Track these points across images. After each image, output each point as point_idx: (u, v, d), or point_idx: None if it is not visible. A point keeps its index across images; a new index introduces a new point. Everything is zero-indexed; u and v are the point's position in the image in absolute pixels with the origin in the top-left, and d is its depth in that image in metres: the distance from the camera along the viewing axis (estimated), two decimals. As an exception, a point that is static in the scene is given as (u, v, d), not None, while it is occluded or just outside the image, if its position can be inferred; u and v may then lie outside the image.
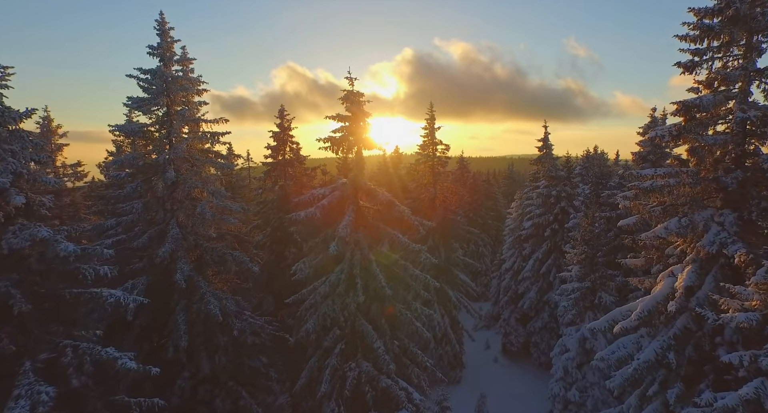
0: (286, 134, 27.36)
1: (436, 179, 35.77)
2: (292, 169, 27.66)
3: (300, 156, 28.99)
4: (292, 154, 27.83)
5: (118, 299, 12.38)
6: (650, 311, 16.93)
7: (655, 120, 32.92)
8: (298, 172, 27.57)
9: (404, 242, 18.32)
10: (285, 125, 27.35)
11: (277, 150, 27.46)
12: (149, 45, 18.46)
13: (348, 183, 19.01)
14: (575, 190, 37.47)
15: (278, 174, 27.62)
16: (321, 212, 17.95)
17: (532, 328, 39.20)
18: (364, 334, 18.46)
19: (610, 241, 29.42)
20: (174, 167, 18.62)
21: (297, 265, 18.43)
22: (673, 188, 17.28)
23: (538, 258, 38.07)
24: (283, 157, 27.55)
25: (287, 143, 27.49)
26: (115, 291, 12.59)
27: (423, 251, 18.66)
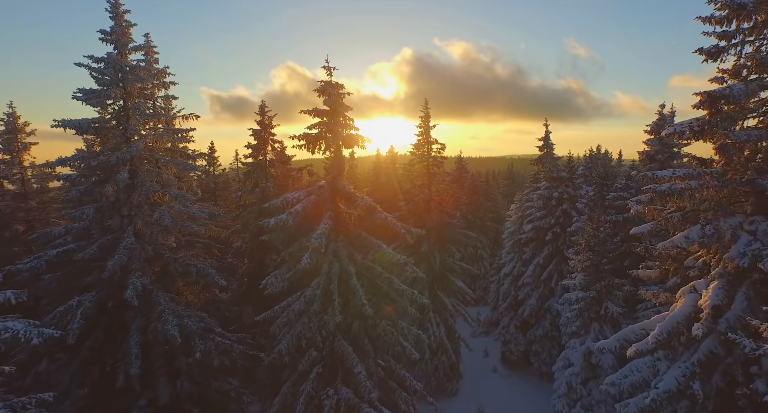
0: (267, 132, 25.04)
1: (432, 179, 33.43)
2: (274, 170, 25.31)
3: (284, 156, 26.66)
4: (274, 154, 25.48)
5: (16, 333, 10.03)
6: (670, 333, 14.57)
7: (663, 117, 30.54)
8: (281, 173, 25.25)
9: (388, 253, 16.00)
10: (266, 122, 25.04)
11: (258, 149, 25.13)
12: (101, 30, 16.13)
13: (325, 186, 16.70)
14: (578, 191, 35.13)
15: (259, 175, 25.31)
16: (294, 218, 15.62)
17: (533, 336, 36.85)
18: (344, 356, 16.15)
19: (616, 247, 27.05)
20: (131, 168, 16.32)
21: (268, 279, 16.10)
22: (694, 191, 14.94)
23: (539, 263, 35.71)
24: (265, 157, 25.20)
25: (268, 141, 25.17)
26: (14, 323, 10.25)
27: (409, 264, 16.34)
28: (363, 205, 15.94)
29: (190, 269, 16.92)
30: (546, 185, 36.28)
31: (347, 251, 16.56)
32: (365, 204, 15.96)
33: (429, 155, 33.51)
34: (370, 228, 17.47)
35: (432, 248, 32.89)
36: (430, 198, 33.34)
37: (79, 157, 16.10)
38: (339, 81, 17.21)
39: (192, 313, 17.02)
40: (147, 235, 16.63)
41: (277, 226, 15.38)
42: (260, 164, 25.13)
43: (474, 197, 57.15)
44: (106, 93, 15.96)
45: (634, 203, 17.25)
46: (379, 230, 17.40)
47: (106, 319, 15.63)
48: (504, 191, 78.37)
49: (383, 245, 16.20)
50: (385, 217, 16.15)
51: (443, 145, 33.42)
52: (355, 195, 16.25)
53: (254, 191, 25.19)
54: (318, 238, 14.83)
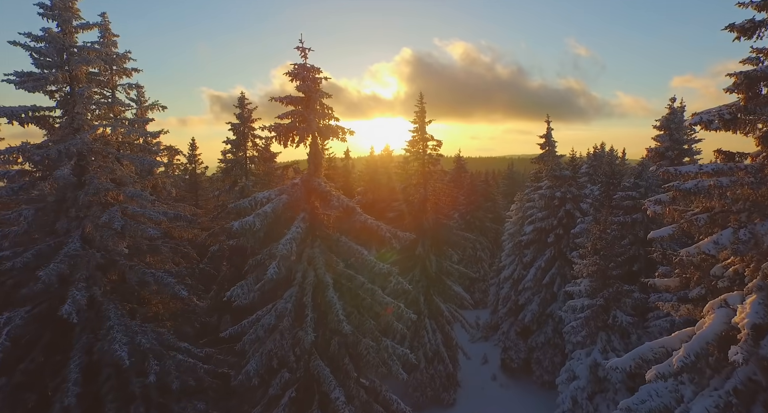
0: (247, 126, 22.79)
1: (427, 178, 31.15)
2: (255, 167, 23.03)
3: (267, 152, 24.40)
4: (255, 150, 23.20)
5: None
6: (698, 355, 12.23)
7: (673, 111, 28.22)
8: (262, 171, 22.95)
9: (369, 262, 13.74)
10: (246, 115, 22.76)
11: (238, 145, 22.86)
12: (39, 3, 13.83)
13: (300, 184, 14.46)
14: (582, 191, 32.81)
15: (239, 173, 23.03)
16: (262, 221, 13.38)
17: (534, 343, 34.54)
18: (320, 378, 13.89)
19: (625, 250, 24.71)
20: (80, 163, 14.07)
21: (233, 289, 13.88)
22: (725, 189, 12.64)
23: (541, 267, 33.40)
24: (245, 153, 22.93)
25: (248, 136, 22.90)
26: None
27: (393, 274, 14.07)
28: (339, 205, 13.70)
29: (147, 278, 14.68)
30: (548, 184, 34.00)
31: (324, 259, 14.33)
32: (342, 205, 13.72)
33: (424, 153, 31.25)
34: (354, 231, 15.20)
35: (427, 251, 30.63)
36: (426, 198, 31.08)
37: (15, 150, 13.83)
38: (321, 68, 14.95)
39: (148, 328, 14.77)
40: (97, 240, 14.40)
41: (242, 230, 13.14)
42: (240, 161, 22.88)
43: (473, 197, 54.86)
44: (46, 77, 13.71)
45: (651, 203, 14.92)
46: (365, 233, 15.13)
47: (48, 337, 13.40)
48: (504, 190, 76.01)
49: (364, 252, 13.96)
50: (364, 219, 13.90)
51: (439, 142, 31.16)
52: (329, 194, 14.01)
53: (233, 191, 22.93)
54: (286, 244, 12.60)
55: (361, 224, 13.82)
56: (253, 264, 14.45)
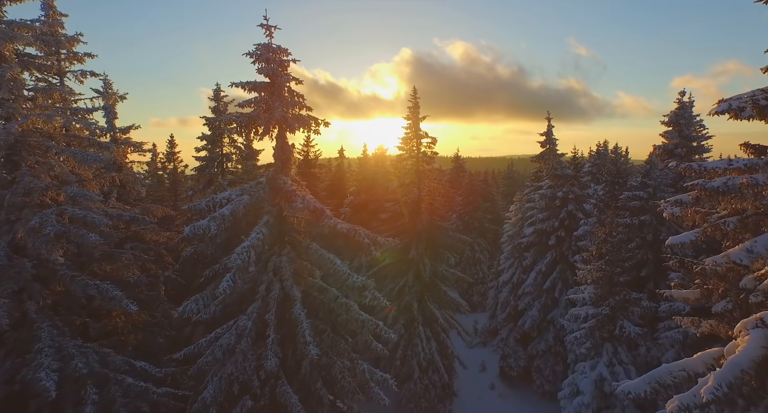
0: (223, 121, 20.66)
1: (421, 178, 29.04)
2: (233, 165, 20.96)
3: (249, 150, 22.29)
4: (234, 147, 21.13)
5: None
6: (731, 385, 10.12)
7: (683, 106, 26.10)
8: (243, 169, 20.88)
9: (341, 273, 11.69)
10: (221, 109, 20.68)
11: (213, 141, 20.78)
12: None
13: (264, 184, 12.41)
14: (585, 191, 30.68)
15: (215, 172, 20.95)
16: (220, 225, 11.35)
17: (534, 351, 32.40)
18: (288, 407, 11.80)
19: (632, 254, 22.56)
20: (10, 158, 12.00)
21: (186, 304, 11.83)
22: (762, 188, 10.56)
23: (541, 271, 31.27)
24: (221, 150, 20.85)
25: (225, 132, 20.79)
26: None
27: (369, 288, 11.97)
28: (304, 207, 11.65)
29: (90, 290, 12.65)
30: (549, 183, 31.89)
31: (294, 268, 12.28)
32: (308, 206, 11.66)
33: (418, 151, 29.13)
34: (329, 237, 13.09)
35: (421, 255, 28.52)
36: (420, 198, 28.97)
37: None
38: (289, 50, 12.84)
39: (90, 349, 12.71)
40: (29, 247, 12.37)
41: (194, 235, 11.11)
42: (215, 158, 20.82)
43: (471, 197, 52.75)
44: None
45: (669, 204, 12.81)
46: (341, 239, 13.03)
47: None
48: (504, 190, 73.85)
49: (337, 261, 11.90)
50: (333, 223, 11.85)
51: (434, 139, 29.05)
52: (293, 194, 11.97)
53: (207, 190, 20.86)
54: (242, 254, 10.59)
55: (330, 229, 11.78)
56: (210, 275, 12.43)
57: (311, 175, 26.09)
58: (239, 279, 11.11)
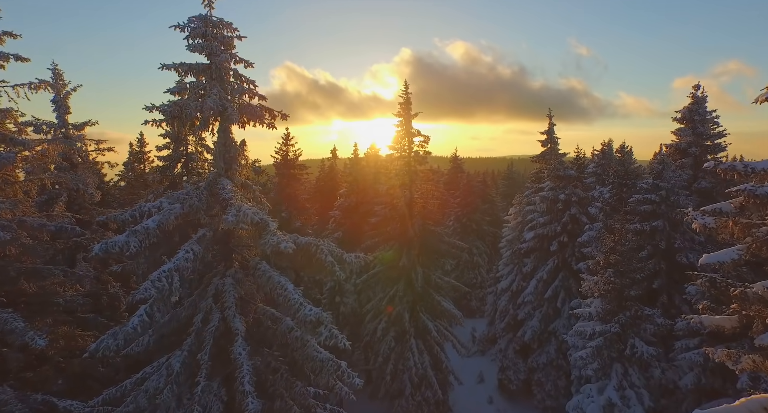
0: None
1: (413, 179, 26.54)
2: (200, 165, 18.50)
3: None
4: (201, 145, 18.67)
5: None
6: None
7: (697, 100, 23.54)
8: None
9: (292, 302, 9.22)
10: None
11: (177, 139, 18.32)
12: None
13: (203, 189, 9.96)
14: (589, 193, 28.12)
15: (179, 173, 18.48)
16: (143, 240, 8.92)
17: (535, 363, 29.89)
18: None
19: (644, 265, 20.00)
20: None
21: (101, 340, 9.32)
22: (831, 194, 8.03)
23: (542, 278, 28.75)
24: (186, 148, 18.38)
25: (190, 129, 18.28)
26: None
27: (324, 323, 9.44)
28: (240, 220, 9.15)
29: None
30: (550, 185, 29.36)
31: (239, 293, 9.80)
32: (246, 219, 9.16)
33: (410, 150, 26.64)
34: (282, 255, 10.54)
35: (413, 262, 26.03)
36: (412, 201, 26.48)
37: None
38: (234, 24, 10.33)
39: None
40: None
41: (108, 254, 8.67)
42: (178, 157, 18.37)
43: (470, 198, 50.19)
44: None
45: (699, 214, 10.27)
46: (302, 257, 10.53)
47: None
48: (503, 191, 71.23)
49: (288, 287, 9.43)
50: (276, 241, 9.33)
51: (427, 137, 26.56)
52: (227, 203, 9.49)
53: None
54: (160, 281, 8.18)
55: (273, 247, 9.32)
56: (132, 302, 9.99)
57: (291, 176, 23.70)
58: (157, 311, 8.73)
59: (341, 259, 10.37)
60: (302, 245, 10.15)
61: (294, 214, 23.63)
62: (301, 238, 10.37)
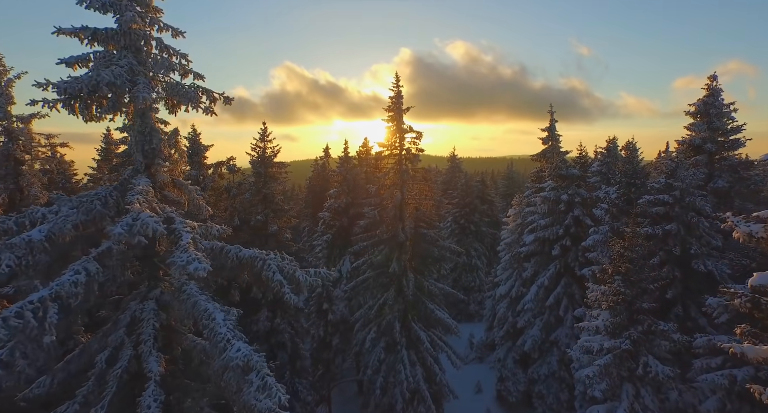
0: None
1: (405, 179, 24.27)
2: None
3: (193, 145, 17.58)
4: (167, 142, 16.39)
5: None
6: None
7: (713, 93, 21.24)
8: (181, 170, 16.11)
9: (217, 337, 6.98)
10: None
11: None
12: None
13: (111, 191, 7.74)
14: (594, 194, 25.79)
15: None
16: (22, 257, 6.68)
17: (536, 374, 27.62)
18: None
19: (657, 273, 17.70)
20: None
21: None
22: None
23: (544, 285, 26.45)
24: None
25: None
26: None
27: (255, 369, 7.03)
28: (135, 233, 6.87)
29: None
30: (552, 185, 27.07)
31: (163, 321, 7.60)
32: (143, 231, 6.84)
33: (401, 147, 24.41)
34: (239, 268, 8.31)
35: (404, 268, 23.78)
36: (403, 202, 24.20)
37: None
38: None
39: None
40: None
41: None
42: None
43: (468, 199, 47.88)
44: None
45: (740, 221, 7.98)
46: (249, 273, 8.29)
47: None
48: (503, 191, 68.88)
49: (217, 318, 7.16)
50: (185, 262, 7.02)
51: (419, 133, 24.34)
52: (127, 210, 7.21)
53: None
54: (23, 314, 5.92)
55: (180, 269, 7.07)
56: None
57: (269, 175, 21.50)
58: (22, 358, 6.55)
59: (293, 278, 8.19)
60: (246, 259, 7.99)
61: (271, 217, 21.45)
62: (246, 251, 8.23)
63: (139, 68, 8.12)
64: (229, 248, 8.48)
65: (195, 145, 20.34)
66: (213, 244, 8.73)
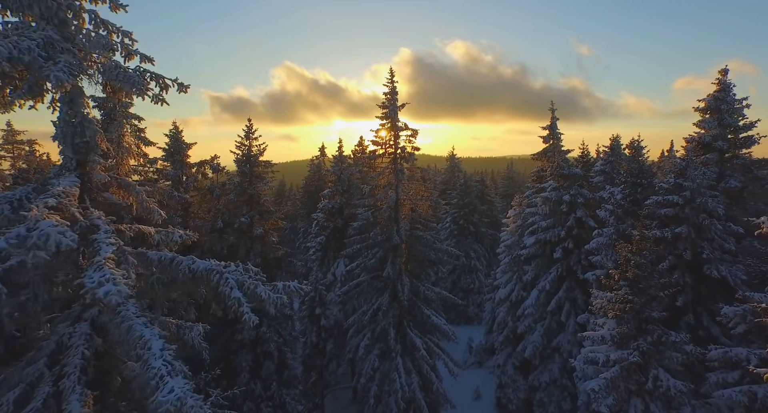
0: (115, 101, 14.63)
1: (400, 178, 22.98)
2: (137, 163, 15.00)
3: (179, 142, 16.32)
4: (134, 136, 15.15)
5: None
6: None
7: (725, 87, 19.92)
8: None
9: (149, 376, 5.66)
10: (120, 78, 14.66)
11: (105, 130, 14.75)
12: None
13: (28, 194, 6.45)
14: (597, 194, 24.48)
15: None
16: None
17: (537, 382, 26.30)
18: None
19: (667, 280, 16.37)
20: None
21: None
22: None
23: (545, 289, 25.15)
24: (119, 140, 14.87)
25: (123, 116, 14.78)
26: None
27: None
28: (33, 247, 5.57)
29: None
30: (553, 185, 25.76)
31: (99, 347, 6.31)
32: (50, 245, 5.58)
33: (396, 145, 23.11)
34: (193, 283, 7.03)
35: (399, 272, 22.49)
36: (398, 203, 22.90)
37: None
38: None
39: None
40: None
41: None
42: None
43: (467, 199, 46.53)
44: None
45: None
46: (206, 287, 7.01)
47: None
48: (503, 191, 67.57)
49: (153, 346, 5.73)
50: (96, 283, 5.73)
51: (415, 131, 23.08)
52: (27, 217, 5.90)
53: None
54: None
55: (90, 294, 5.72)
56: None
57: (254, 175, 20.16)
58: None
59: (254, 294, 6.94)
60: (200, 272, 6.75)
61: (256, 219, 20.15)
62: (200, 263, 6.99)
63: (65, 45, 6.84)
64: (181, 260, 7.23)
65: (176, 143, 19.06)
66: (162, 255, 7.48)
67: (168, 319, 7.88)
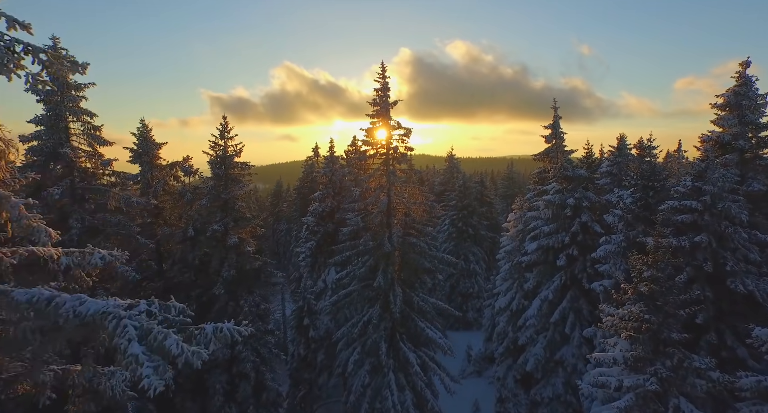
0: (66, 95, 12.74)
1: (392, 181, 21.03)
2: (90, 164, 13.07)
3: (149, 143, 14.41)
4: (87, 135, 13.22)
5: None
6: None
7: (746, 81, 17.89)
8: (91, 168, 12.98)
9: None
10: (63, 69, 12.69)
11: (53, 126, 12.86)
12: None
13: None
14: (604, 197, 22.49)
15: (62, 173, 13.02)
16: None
17: (539, 397, 24.37)
18: None
19: (687, 297, 14.34)
20: None
21: None
22: None
23: (548, 298, 23.19)
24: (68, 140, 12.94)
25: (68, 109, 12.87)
26: None
27: None
28: None
29: None
30: (556, 187, 23.80)
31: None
32: None
33: (388, 146, 21.16)
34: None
35: (390, 282, 20.54)
36: (390, 207, 20.96)
37: None
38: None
39: None
40: None
41: None
42: (55, 153, 12.91)
43: (466, 201, 44.53)
44: None
45: None
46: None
47: None
48: (503, 192, 65.55)
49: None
50: None
51: (409, 130, 21.14)
52: None
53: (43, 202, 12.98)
54: None
55: None
56: None
57: (230, 178, 18.18)
58: None
59: (161, 347, 5.06)
60: (89, 317, 4.87)
61: (231, 226, 18.18)
62: (91, 304, 5.11)
63: None
64: (63, 300, 5.36)
65: (145, 142, 17.14)
66: (33, 293, 5.59)
67: (72, 367, 6.03)
